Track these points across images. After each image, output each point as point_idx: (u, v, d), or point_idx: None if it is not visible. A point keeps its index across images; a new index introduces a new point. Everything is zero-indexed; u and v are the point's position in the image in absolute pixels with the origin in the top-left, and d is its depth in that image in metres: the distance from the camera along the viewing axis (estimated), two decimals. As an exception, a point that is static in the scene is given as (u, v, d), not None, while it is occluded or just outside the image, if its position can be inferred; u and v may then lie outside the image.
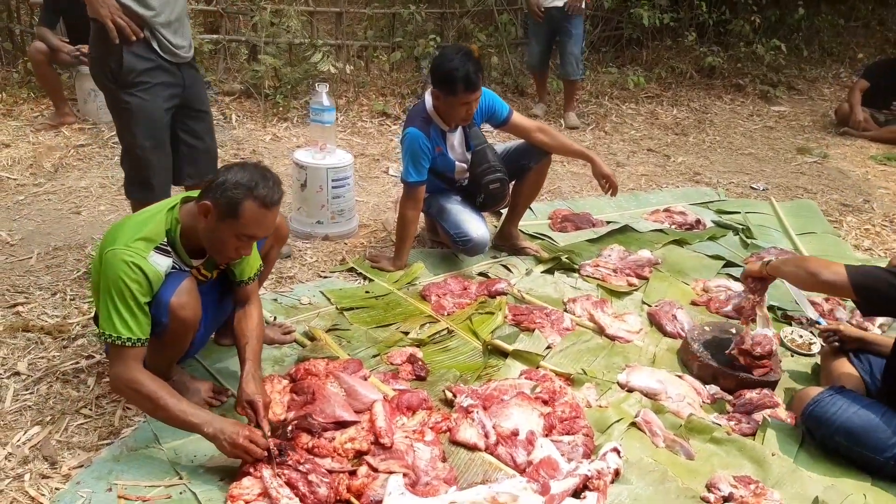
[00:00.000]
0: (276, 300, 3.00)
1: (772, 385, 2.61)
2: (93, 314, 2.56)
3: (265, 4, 5.80)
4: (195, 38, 5.46)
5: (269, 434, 2.05)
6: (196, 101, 2.89)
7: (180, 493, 1.98)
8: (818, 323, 3.00)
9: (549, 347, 2.78)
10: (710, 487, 2.12)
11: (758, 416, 2.46)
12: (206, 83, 5.55)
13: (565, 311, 3.07)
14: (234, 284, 2.33)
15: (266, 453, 1.98)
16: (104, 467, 2.04)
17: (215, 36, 5.98)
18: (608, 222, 4.03)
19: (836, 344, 2.64)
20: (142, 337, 1.98)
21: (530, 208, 3.87)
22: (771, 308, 3.20)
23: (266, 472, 1.93)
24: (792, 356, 2.91)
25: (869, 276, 2.22)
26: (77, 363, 2.52)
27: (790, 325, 3.09)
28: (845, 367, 2.52)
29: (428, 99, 3.20)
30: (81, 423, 2.25)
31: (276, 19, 5.80)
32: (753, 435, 2.38)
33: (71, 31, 4.86)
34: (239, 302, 2.35)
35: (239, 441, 1.96)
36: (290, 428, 2.13)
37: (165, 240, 2.06)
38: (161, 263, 2.03)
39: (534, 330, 2.87)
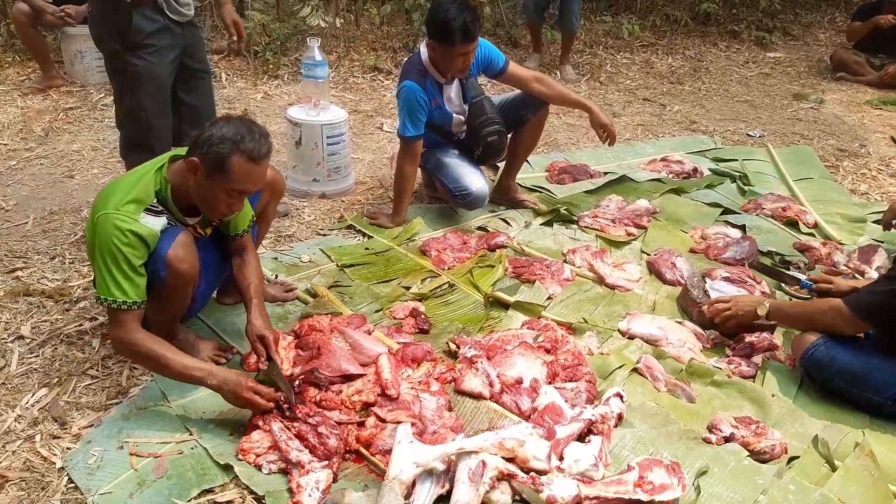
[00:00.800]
0: (276, 259, 3.00)
1: (770, 328, 2.63)
2: (92, 277, 2.56)
3: (249, -41, 5.67)
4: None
5: (282, 364, 2.13)
6: (197, 61, 2.85)
7: (192, 448, 2.01)
8: (809, 288, 2.87)
9: (549, 298, 2.80)
10: (711, 429, 2.16)
11: (757, 358, 2.49)
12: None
13: (565, 262, 3.08)
14: (228, 239, 2.32)
15: (271, 406, 2.01)
16: (114, 426, 2.07)
17: (200, -7, 5.85)
18: (605, 173, 4.02)
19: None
20: (137, 300, 1.99)
21: (527, 161, 3.84)
22: (768, 253, 3.24)
23: (275, 425, 1.95)
24: (790, 300, 2.93)
25: (873, 304, 2.22)
26: (80, 325, 2.53)
27: (788, 269, 3.10)
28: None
29: (423, 51, 3.15)
30: (89, 384, 2.27)
31: (262, -26, 5.67)
32: (753, 377, 2.42)
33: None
34: (235, 254, 2.37)
35: (243, 394, 1.99)
36: (297, 382, 2.15)
37: (155, 200, 2.04)
38: (153, 223, 2.01)
39: (534, 281, 2.88)
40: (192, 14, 2.72)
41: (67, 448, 2.02)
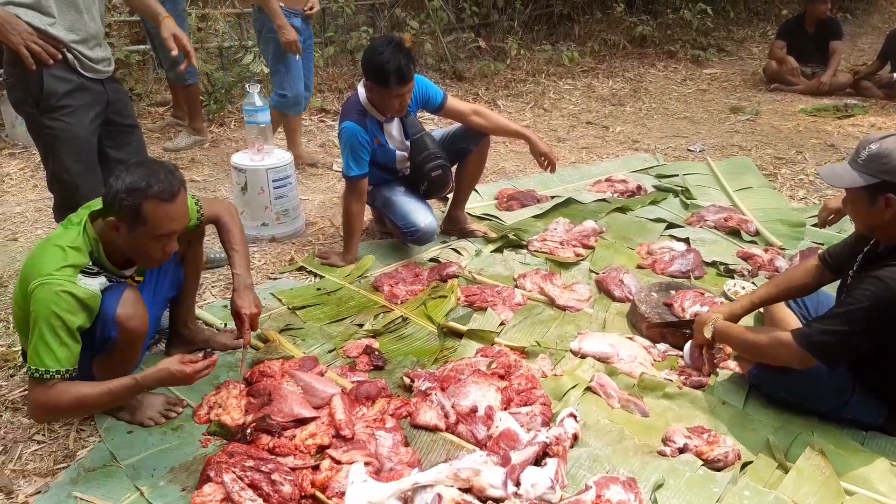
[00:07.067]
0: (226, 306, 2.96)
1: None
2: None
3: (190, 10, 5.70)
4: (121, 50, 5.36)
5: (249, 342, 2.35)
6: (123, 116, 2.82)
7: (144, 507, 1.96)
8: None
9: (502, 324, 2.83)
10: (665, 441, 2.19)
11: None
12: (136, 95, 5.46)
13: (516, 286, 3.11)
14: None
15: (198, 368, 2.00)
16: (62, 491, 2.01)
17: (142, 47, 5.85)
18: (552, 197, 4.09)
19: None
20: (70, 368, 1.94)
21: (476, 190, 3.90)
22: (713, 264, 3.32)
23: (227, 476, 1.92)
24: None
25: (827, 346, 2.09)
26: (26, 390, 2.45)
27: (732, 278, 3.18)
28: (783, 312, 2.61)
29: (361, 91, 3.19)
30: (35, 450, 2.21)
31: (202, 24, 5.70)
32: (704, 387, 2.46)
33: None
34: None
35: (178, 374, 1.98)
36: (248, 431, 2.13)
37: (90, 262, 2.02)
38: (92, 284, 1.99)
39: (486, 308, 2.91)
40: (110, 70, 2.70)
41: (14, 518, 1.96)
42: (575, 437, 2.16)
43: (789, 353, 2.14)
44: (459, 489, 1.89)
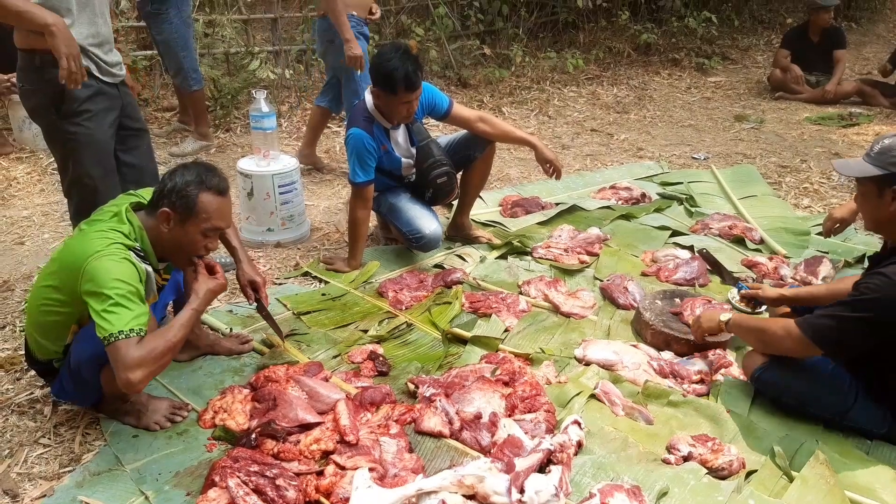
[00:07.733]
0: (231, 311, 2.98)
1: (723, 345, 2.69)
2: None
3: (197, 16, 5.73)
4: (129, 55, 5.39)
5: (268, 303, 2.52)
6: (133, 120, 2.84)
7: (148, 511, 1.97)
8: (740, 288, 2.86)
9: (506, 330, 2.83)
10: (670, 449, 2.19)
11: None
12: (143, 100, 5.49)
13: (520, 293, 3.12)
14: None
15: (220, 272, 2.18)
16: (67, 495, 2.02)
17: (149, 52, 5.88)
18: (557, 204, 4.10)
19: (760, 310, 2.77)
20: (146, 330, 1.96)
21: (480, 197, 3.91)
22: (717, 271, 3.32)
23: (231, 481, 1.93)
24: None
25: (825, 329, 2.12)
26: (31, 394, 2.47)
27: (737, 285, 3.17)
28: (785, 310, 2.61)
29: (368, 98, 3.21)
30: (41, 454, 2.22)
31: (209, 30, 5.73)
32: (708, 395, 2.46)
33: (1, 60, 4.73)
34: None
35: (213, 291, 2.15)
36: (253, 436, 2.13)
37: (139, 246, 2.10)
38: (143, 266, 2.06)
39: (491, 315, 2.91)
40: (123, 75, 2.73)
41: (20, 522, 1.97)
42: (579, 445, 2.16)
43: (791, 338, 2.18)
44: (463, 496, 1.89)
